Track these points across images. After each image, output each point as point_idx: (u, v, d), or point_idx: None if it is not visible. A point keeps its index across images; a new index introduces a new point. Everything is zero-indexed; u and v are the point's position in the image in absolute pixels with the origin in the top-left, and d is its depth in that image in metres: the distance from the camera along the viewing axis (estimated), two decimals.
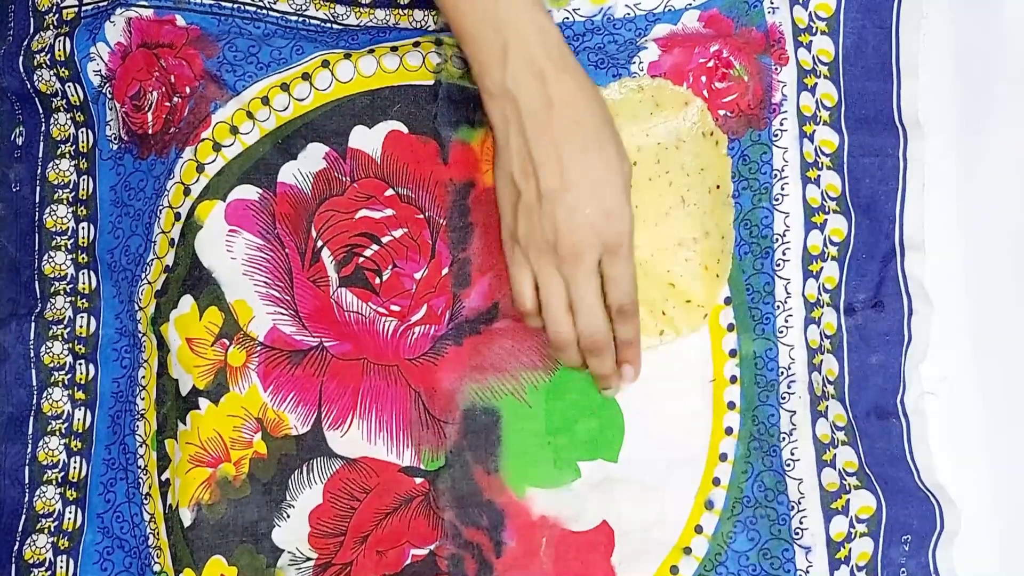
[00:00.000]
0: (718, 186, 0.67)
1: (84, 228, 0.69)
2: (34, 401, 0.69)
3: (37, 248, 0.69)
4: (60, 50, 0.68)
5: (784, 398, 0.67)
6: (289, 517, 0.65)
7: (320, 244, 0.66)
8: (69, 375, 0.69)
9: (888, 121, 0.68)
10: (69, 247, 0.69)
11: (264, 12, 0.68)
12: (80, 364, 0.69)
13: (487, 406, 0.66)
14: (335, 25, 0.69)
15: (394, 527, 0.65)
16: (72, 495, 0.68)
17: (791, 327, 0.67)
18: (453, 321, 0.66)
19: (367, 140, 0.66)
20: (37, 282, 0.69)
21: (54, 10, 0.69)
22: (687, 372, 0.67)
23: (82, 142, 0.69)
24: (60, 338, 0.69)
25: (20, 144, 0.70)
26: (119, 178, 0.68)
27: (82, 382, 0.69)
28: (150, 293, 0.66)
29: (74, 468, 0.68)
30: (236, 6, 0.68)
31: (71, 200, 0.69)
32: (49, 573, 0.67)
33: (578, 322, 0.61)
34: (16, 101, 0.70)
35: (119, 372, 0.68)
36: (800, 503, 0.66)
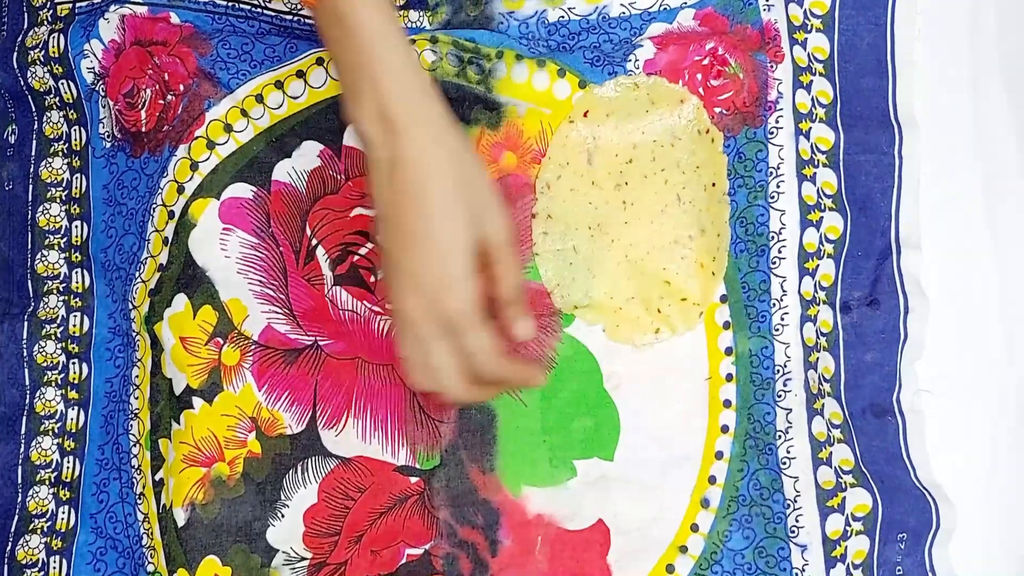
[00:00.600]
0: (714, 183, 0.67)
1: (77, 226, 0.69)
2: (27, 400, 0.68)
3: (30, 247, 0.69)
4: (54, 47, 0.68)
5: (780, 396, 0.67)
6: (283, 517, 0.64)
7: (315, 242, 0.66)
8: (62, 374, 0.68)
9: (883, 118, 0.68)
10: (62, 246, 0.69)
11: (258, 10, 0.68)
12: (73, 363, 0.68)
13: (482, 405, 0.66)
14: None
15: (389, 526, 0.65)
16: (65, 495, 0.68)
17: (787, 325, 0.67)
18: None
19: None
20: (30, 281, 0.69)
21: (48, 6, 0.69)
22: (683, 370, 0.67)
23: (75, 140, 0.69)
24: (53, 337, 0.68)
25: (13, 142, 0.69)
26: (112, 176, 0.68)
27: (75, 381, 0.68)
28: (144, 292, 0.66)
29: (67, 468, 0.68)
30: (230, 4, 0.68)
31: (64, 198, 0.69)
32: (42, 574, 0.67)
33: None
34: (9, 99, 0.69)
35: (112, 371, 0.68)
36: (796, 501, 0.66)
